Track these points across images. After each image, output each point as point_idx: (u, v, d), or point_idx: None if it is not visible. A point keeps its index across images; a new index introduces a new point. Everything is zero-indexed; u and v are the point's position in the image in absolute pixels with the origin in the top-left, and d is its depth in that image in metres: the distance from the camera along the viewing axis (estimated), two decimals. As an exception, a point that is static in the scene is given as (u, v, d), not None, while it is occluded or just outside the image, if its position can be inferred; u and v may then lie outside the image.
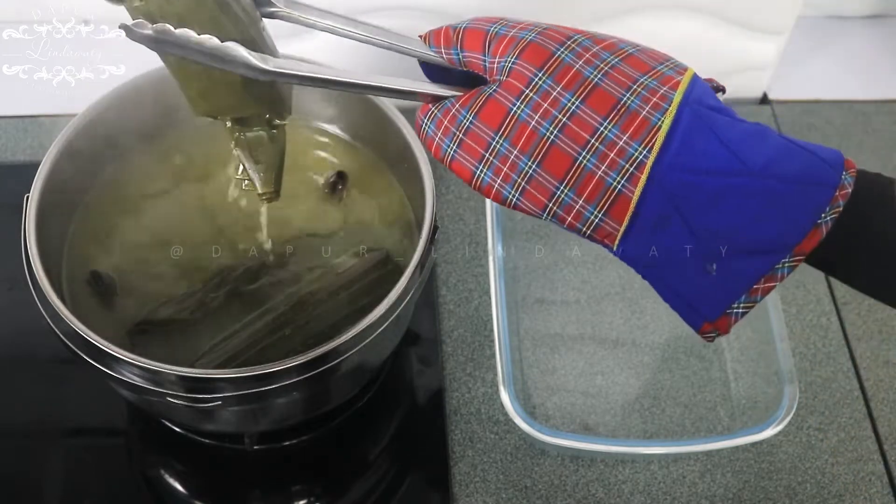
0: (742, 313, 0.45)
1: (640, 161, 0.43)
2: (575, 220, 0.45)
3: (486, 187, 0.46)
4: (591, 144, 0.44)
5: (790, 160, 0.44)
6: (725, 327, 0.46)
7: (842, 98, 0.98)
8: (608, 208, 0.44)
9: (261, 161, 0.59)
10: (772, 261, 0.43)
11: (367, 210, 0.72)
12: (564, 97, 0.44)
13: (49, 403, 0.73)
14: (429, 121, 0.48)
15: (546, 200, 0.45)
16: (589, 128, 0.44)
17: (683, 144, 0.43)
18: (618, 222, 0.44)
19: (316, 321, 0.65)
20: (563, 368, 0.77)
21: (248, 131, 0.58)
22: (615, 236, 0.45)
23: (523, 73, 0.45)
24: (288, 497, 0.71)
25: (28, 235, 0.61)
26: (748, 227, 0.43)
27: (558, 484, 0.71)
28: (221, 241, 0.68)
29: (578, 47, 0.45)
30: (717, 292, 0.45)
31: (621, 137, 0.43)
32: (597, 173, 0.44)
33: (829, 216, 0.43)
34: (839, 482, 0.72)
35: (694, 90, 0.44)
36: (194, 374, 0.57)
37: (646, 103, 0.43)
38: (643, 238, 0.45)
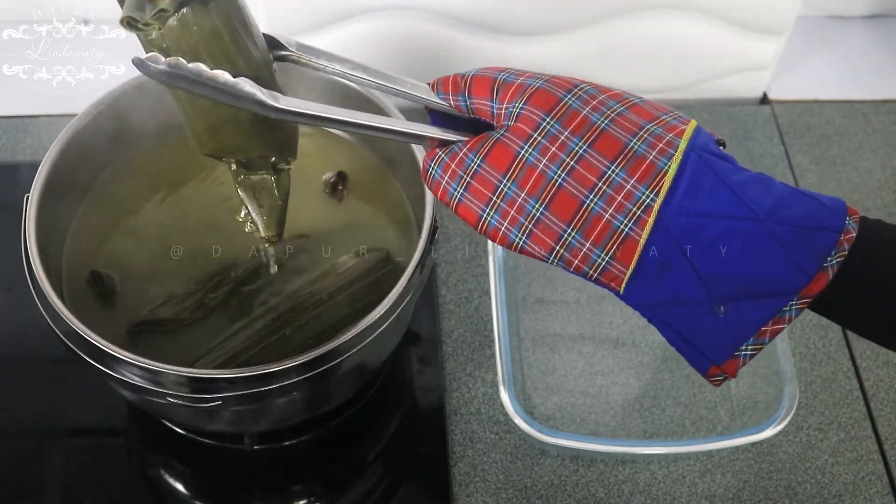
0: (750, 356, 0.45)
1: (648, 204, 0.44)
2: (582, 263, 0.45)
3: (492, 230, 0.47)
4: (598, 188, 0.44)
5: (794, 206, 0.44)
6: (733, 370, 0.46)
7: (842, 98, 0.98)
8: (615, 251, 0.44)
9: (264, 205, 0.60)
10: (779, 304, 0.44)
11: (367, 210, 0.72)
12: (572, 141, 0.44)
13: (49, 403, 0.73)
14: (436, 165, 0.48)
15: (553, 243, 0.45)
16: (596, 171, 0.44)
17: (690, 188, 0.44)
18: (625, 265, 0.45)
19: (316, 321, 0.65)
20: (563, 368, 0.77)
21: (253, 174, 0.59)
22: (622, 280, 0.45)
23: (531, 117, 0.45)
24: (288, 497, 0.71)
25: (28, 235, 0.61)
26: (754, 271, 0.44)
27: (558, 484, 0.71)
28: (221, 241, 0.68)
29: (585, 94, 0.46)
30: (724, 335, 0.45)
31: (628, 181, 0.44)
32: (604, 216, 0.44)
33: (834, 260, 0.43)
34: (839, 482, 0.72)
35: (699, 138, 0.45)
36: (194, 374, 0.57)
37: (652, 149, 0.44)
38: (650, 281, 0.45)
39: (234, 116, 0.54)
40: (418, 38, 0.88)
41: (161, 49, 0.51)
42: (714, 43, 0.91)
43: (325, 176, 0.72)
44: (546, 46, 0.90)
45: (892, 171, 0.92)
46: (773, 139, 0.94)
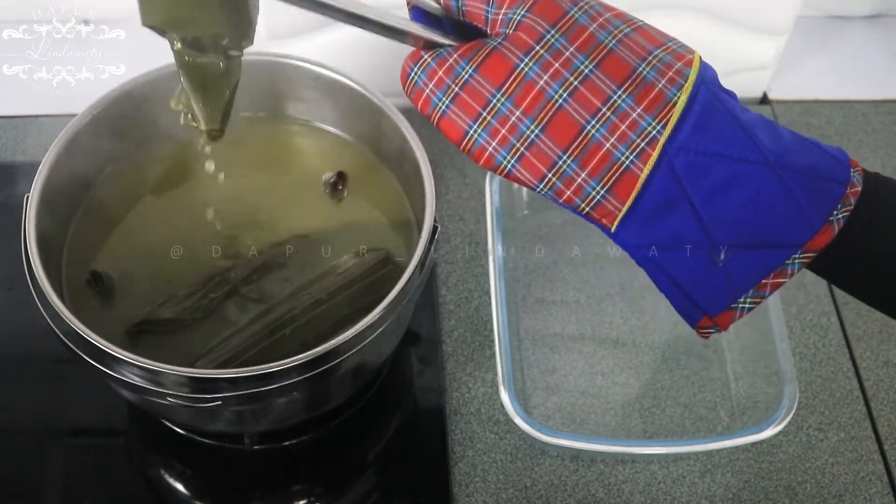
0: (748, 309, 0.43)
1: (653, 137, 0.41)
2: (574, 195, 0.42)
3: (477, 149, 0.43)
4: (602, 113, 0.41)
5: (803, 153, 0.42)
6: (727, 323, 0.43)
7: (842, 98, 0.98)
8: (613, 185, 0.41)
9: (209, 93, 0.53)
10: (782, 255, 0.42)
11: (367, 210, 0.72)
12: (577, 59, 0.41)
13: (49, 403, 0.73)
14: (420, 69, 0.44)
15: (545, 170, 0.42)
16: (601, 95, 0.41)
17: (699, 124, 0.41)
18: (621, 201, 0.42)
19: (316, 321, 0.65)
20: (563, 368, 0.77)
21: (200, 57, 0.51)
22: (615, 216, 0.42)
23: (534, 27, 0.41)
24: (288, 497, 0.71)
25: (28, 235, 0.61)
26: (760, 219, 0.41)
27: (558, 484, 0.71)
28: (221, 241, 0.68)
29: (592, 10, 0.42)
30: (722, 285, 0.42)
31: (635, 109, 0.41)
32: (604, 145, 0.41)
33: (840, 214, 0.41)
34: (839, 482, 0.72)
35: (707, 70, 0.43)
36: (194, 374, 0.57)
37: (661, 76, 0.41)
38: (645, 221, 0.42)
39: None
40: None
41: None
42: (714, 43, 0.91)
43: (325, 176, 0.72)
44: (546, 46, 0.90)
45: (893, 172, 0.92)
46: (773, 139, 0.94)
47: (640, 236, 0.43)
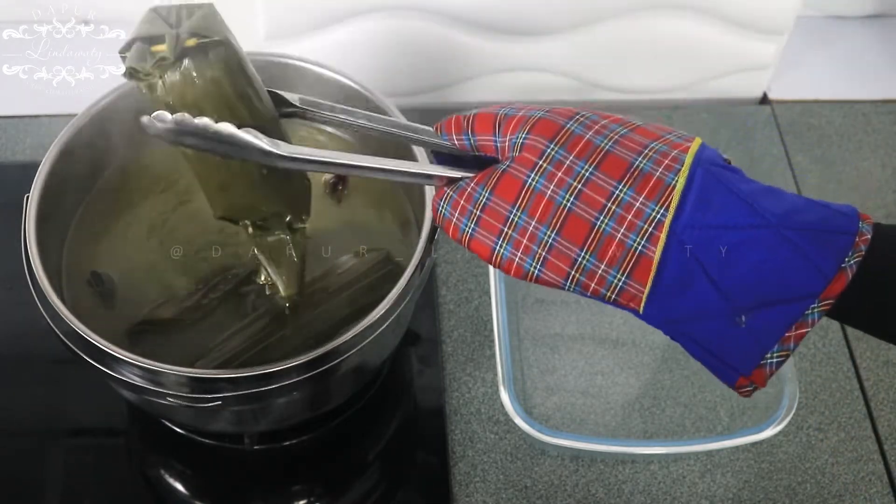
0: (778, 363, 0.45)
1: (658, 220, 0.43)
2: (599, 286, 0.45)
3: (506, 262, 0.47)
4: (607, 208, 0.44)
5: (806, 212, 0.44)
6: (762, 380, 0.45)
7: (842, 98, 0.98)
8: (631, 270, 0.44)
9: (283, 265, 0.62)
10: (800, 308, 0.43)
11: (367, 210, 0.72)
12: (578, 165, 0.45)
13: (49, 403, 0.73)
14: (445, 203, 0.48)
15: (568, 269, 0.45)
16: (604, 192, 0.44)
17: (700, 201, 0.44)
18: (641, 284, 0.44)
19: (316, 321, 0.65)
20: (563, 368, 0.77)
21: (269, 236, 0.61)
22: (640, 299, 0.45)
23: (535, 145, 0.46)
24: (288, 497, 0.71)
25: (28, 235, 0.61)
26: (773, 278, 0.43)
27: (558, 484, 0.71)
28: (221, 241, 0.68)
29: (587, 121, 0.46)
30: (748, 345, 0.44)
31: (637, 199, 0.44)
32: (616, 236, 0.44)
33: (852, 260, 0.43)
34: (839, 482, 0.72)
35: (704, 152, 0.45)
36: (194, 374, 0.57)
37: (658, 165, 0.44)
38: (668, 298, 0.45)
39: (243, 171, 0.55)
40: (418, 37, 0.88)
41: (166, 105, 0.52)
42: (714, 43, 0.91)
43: (325, 176, 0.72)
44: (547, 46, 0.90)
45: (892, 171, 0.92)
46: (773, 139, 0.94)
47: (666, 312, 0.45)
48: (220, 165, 0.55)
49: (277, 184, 0.57)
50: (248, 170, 0.55)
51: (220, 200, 0.58)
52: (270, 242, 0.61)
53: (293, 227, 0.61)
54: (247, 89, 0.54)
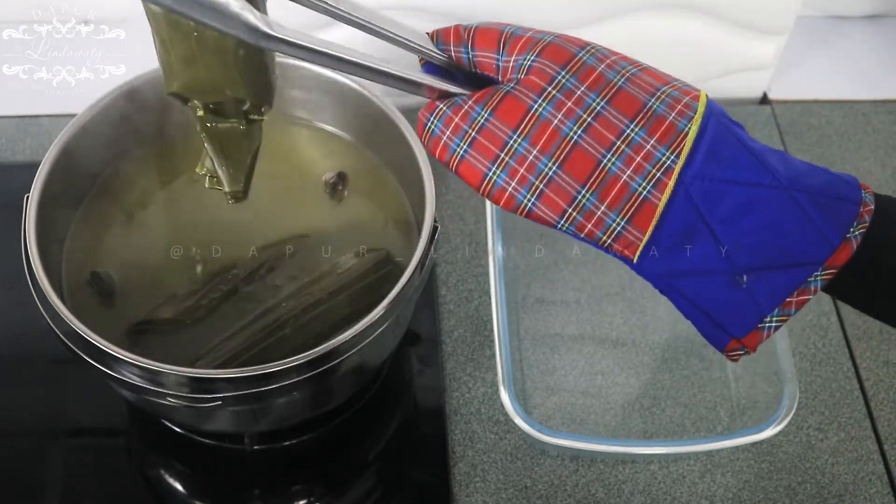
0: (775, 328, 0.43)
1: (668, 166, 0.42)
2: (595, 228, 0.43)
3: (497, 191, 0.44)
4: (616, 147, 0.42)
5: (814, 176, 0.43)
6: (754, 345, 0.44)
7: (842, 98, 0.98)
8: (632, 215, 0.42)
9: (231, 157, 0.55)
10: (804, 274, 0.42)
11: (367, 210, 0.72)
12: (589, 97, 0.42)
13: (49, 403, 0.73)
14: (436, 118, 0.45)
15: (565, 205, 0.43)
16: (615, 129, 0.42)
17: (711, 152, 0.42)
18: (641, 231, 0.43)
19: (316, 321, 0.65)
20: (563, 368, 0.77)
21: (222, 122, 0.54)
22: (637, 247, 0.43)
23: (545, 70, 0.43)
24: (288, 497, 0.71)
25: (28, 235, 0.61)
26: (779, 241, 0.42)
27: (558, 484, 0.71)
28: (221, 241, 0.68)
29: (598, 53, 0.44)
30: (746, 307, 0.43)
31: (648, 141, 0.42)
32: (621, 178, 0.42)
33: (857, 231, 0.42)
34: (839, 482, 0.72)
35: (714, 105, 0.44)
36: (194, 374, 0.57)
37: (671, 109, 0.42)
38: (666, 250, 0.43)
39: (217, 45, 0.49)
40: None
41: None
42: (714, 43, 0.91)
43: (325, 176, 0.72)
44: (546, 46, 0.90)
45: (892, 171, 0.92)
46: (773, 139, 0.94)
47: (662, 265, 0.43)
48: (191, 34, 0.49)
49: (247, 65, 0.51)
50: (223, 46, 0.49)
51: (181, 74, 0.51)
52: (222, 129, 0.54)
53: (250, 118, 0.54)
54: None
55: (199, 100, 0.53)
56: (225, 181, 0.56)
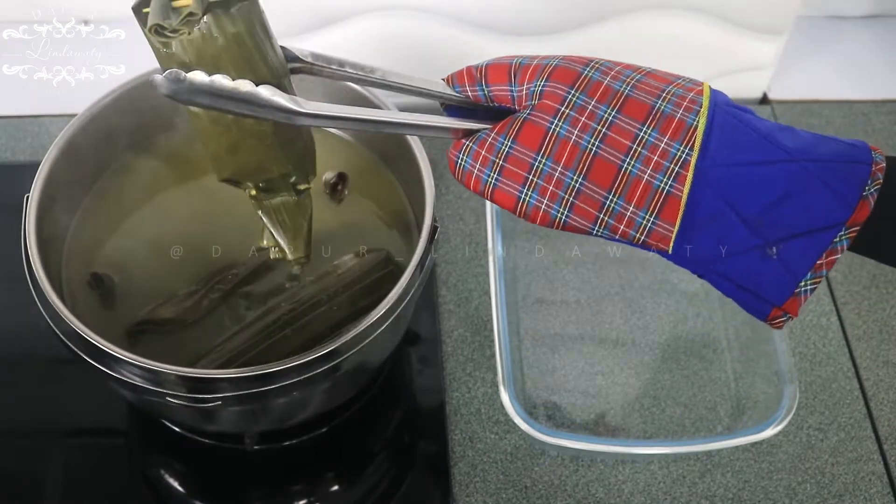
0: (811, 290, 0.46)
1: (684, 160, 0.45)
2: (628, 228, 0.46)
3: (532, 210, 0.47)
4: (633, 150, 0.45)
5: (822, 145, 0.45)
6: (795, 308, 0.46)
7: (841, 98, 0.98)
8: (659, 210, 0.45)
9: (289, 227, 0.60)
10: (829, 237, 0.45)
11: (367, 210, 0.72)
12: (600, 109, 0.45)
13: (49, 403, 0.73)
14: (465, 155, 0.48)
15: (596, 212, 0.46)
16: (629, 135, 0.45)
17: (722, 140, 0.45)
18: (670, 223, 0.45)
19: (316, 322, 0.65)
20: (563, 368, 0.77)
21: (274, 197, 0.58)
22: (669, 238, 0.46)
23: (556, 92, 0.46)
24: (288, 497, 0.71)
25: (28, 235, 0.61)
26: (800, 209, 0.44)
27: (558, 484, 0.71)
28: (221, 241, 0.68)
29: (602, 67, 0.47)
30: (781, 275, 0.45)
31: (662, 140, 0.45)
32: (643, 177, 0.45)
33: (872, 188, 0.44)
34: (839, 482, 0.72)
35: (717, 96, 0.46)
36: (194, 375, 0.57)
37: (678, 107, 0.45)
38: (697, 237, 0.45)
39: (256, 130, 0.54)
40: (419, 37, 0.88)
41: (182, 64, 0.50)
42: (714, 43, 0.91)
43: (325, 176, 0.72)
44: (547, 46, 0.90)
45: (892, 171, 0.92)
46: (773, 139, 0.94)
47: (696, 251, 0.46)
48: (231, 125, 0.53)
49: (287, 143, 0.56)
50: (260, 129, 0.53)
51: (228, 162, 0.55)
52: (275, 204, 0.59)
53: (298, 189, 0.59)
54: (265, 44, 0.51)
55: (250, 181, 0.57)
56: (287, 251, 0.60)
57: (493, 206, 0.76)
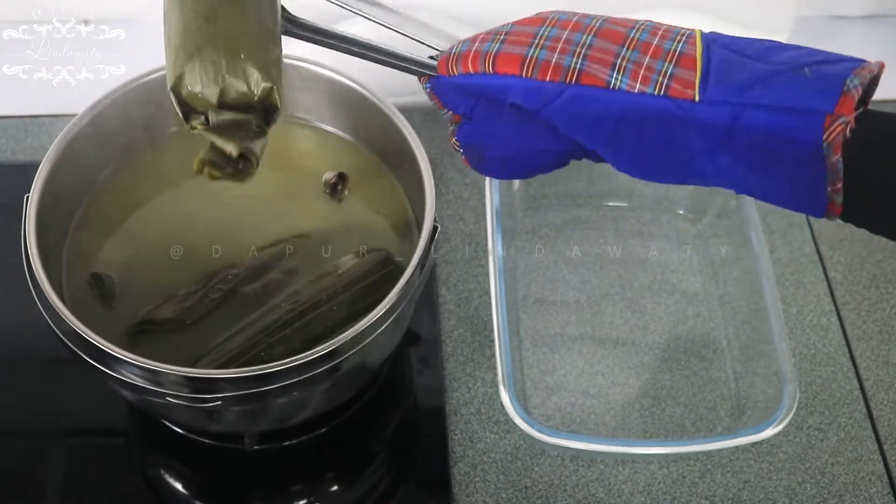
0: (860, 84, 0.45)
1: (689, 34, 0.46)
2: (648, 73, 0.45)
3: (542, 64, 0.46)
4: (637, 25, 0.47)
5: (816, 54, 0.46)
6: (849, 107, 0.44)
7: (842, 98, 0.98)
8: (676, 61, 0.45)
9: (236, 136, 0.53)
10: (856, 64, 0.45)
11: (367, 210, 0.72)
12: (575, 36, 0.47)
13: (49, 403, 0.73)
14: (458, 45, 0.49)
15: (613, 59, 0.45)
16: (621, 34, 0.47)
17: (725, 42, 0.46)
18: (691, 70, 0.44)
19: (316, 322, 0.65)
20: (563, 368, 0.77)
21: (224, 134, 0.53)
22: (693, 82, 0.44)
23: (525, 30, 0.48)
24: (288, 497, 0.71)
25: (28, 235, 0.61)
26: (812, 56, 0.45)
27: (558, 484, 0.71)
28: (221, 241, 0.68)
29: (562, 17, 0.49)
30: (825, 80, 0.44)
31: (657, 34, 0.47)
32: (653, 42, 0.46)
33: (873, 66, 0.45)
34: (839, 482, 0.72)
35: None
36: (194, 374, 0.57)
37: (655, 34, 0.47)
38: (721, 80, 0.44)
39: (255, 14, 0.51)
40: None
41: None
42: (714, 43, 0.91)
43: (325, 176, 0.72)
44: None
45: (892, 171, 0.92)
46: (773, 139, 0.94)
47: (723, 93, 0.44)
48: None
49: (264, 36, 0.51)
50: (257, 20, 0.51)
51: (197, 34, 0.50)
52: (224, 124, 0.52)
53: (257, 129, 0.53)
54: None
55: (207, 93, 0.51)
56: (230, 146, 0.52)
57: (493, 206, 0.75)
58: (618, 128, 0.46)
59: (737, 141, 0.45)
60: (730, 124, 0.44)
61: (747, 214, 0.77)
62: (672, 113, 0.45)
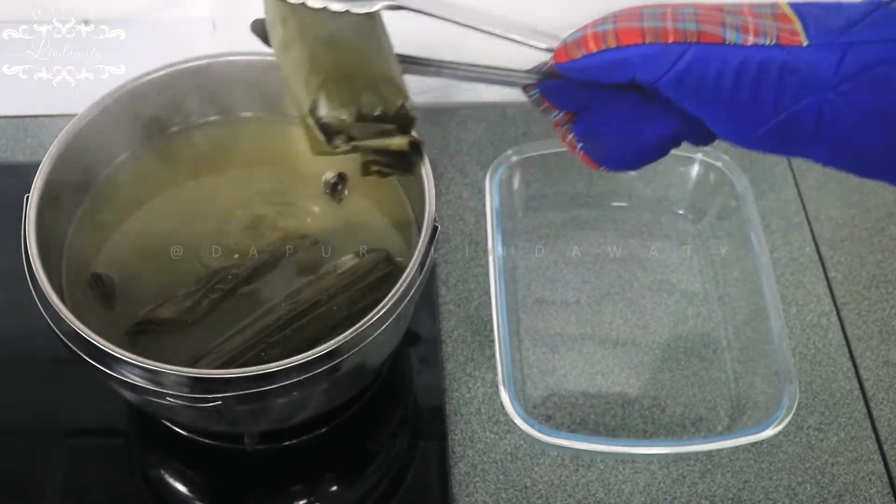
0: None
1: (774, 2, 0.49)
2: (756, 27, 0.48)
3: (661, 31, 0.48)
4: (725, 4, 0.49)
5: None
6: None
7: (842, 98, 0.98)
8: (774, 17, 0.48)
9: None
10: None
11: (367, 210, 0.72)
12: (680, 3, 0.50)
13: (49, 403, 0.73)
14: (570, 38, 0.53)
15: (721, 19, 0.48)
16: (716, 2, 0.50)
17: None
18: (789, 24, 0.47)
19: (316, 322, 0.65)
20: (563, 368, 0.77)
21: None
22: (797, 32, 0.47)
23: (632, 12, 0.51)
24: (288, 497, 0.71)
25: (28, 235, 0.61)
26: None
27: (558, 484, 0.71)
28: (221, 241, 0.68)
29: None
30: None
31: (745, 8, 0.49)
32: (745, 9, 0.49)
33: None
34: (839, 482, 0.72)
35: None
36: (194, 375, 0.57)
37: None
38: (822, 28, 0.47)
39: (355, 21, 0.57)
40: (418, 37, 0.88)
41: None
42: (714, 43, 0.91)
43: (325, 176, 0.72)
44: (546, 46, 0.90)
45: (892, 171, 0.92)
46: (773, 139, 0.94)
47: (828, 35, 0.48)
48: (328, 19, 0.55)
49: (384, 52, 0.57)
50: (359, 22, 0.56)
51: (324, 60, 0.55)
52: None
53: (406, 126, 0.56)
54: None
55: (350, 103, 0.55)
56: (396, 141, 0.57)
57: (493, 206, 0.75)
58: (735, 83, 0.49)
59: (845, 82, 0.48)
60: (838, 63, 0.47)
61: (747, 214, 0.77)
62: (784, 61, 0.48)
